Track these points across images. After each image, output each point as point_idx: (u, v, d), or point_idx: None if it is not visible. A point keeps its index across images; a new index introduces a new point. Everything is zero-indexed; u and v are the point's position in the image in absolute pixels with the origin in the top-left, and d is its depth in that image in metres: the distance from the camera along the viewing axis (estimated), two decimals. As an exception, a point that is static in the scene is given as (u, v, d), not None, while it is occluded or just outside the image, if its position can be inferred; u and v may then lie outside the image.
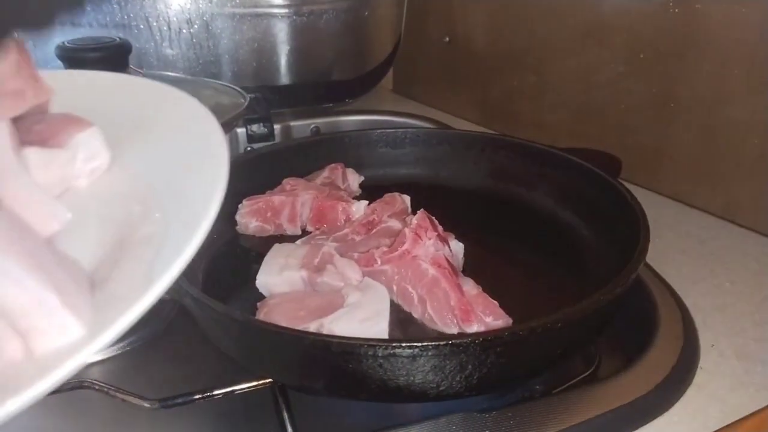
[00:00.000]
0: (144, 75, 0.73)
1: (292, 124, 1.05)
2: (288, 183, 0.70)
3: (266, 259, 0.58)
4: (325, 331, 0.47)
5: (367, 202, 0.68)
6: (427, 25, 1.15)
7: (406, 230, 0.56)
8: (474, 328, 0.50)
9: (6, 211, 0.26)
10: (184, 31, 0.95)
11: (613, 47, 0.83)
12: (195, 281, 0.57)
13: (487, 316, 0.50)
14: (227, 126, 0.69)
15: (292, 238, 0.64)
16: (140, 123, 0.37)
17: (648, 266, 0.62)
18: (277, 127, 0.98)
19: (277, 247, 0.59)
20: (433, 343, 0.40)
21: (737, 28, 0.69)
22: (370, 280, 0.54)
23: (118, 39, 0.70)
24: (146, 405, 0.47)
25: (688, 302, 0.58)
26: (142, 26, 0.93)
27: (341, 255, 0.58)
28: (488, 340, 0.41)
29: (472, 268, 0.60)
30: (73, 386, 0.49)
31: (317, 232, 0.66)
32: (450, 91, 1.14)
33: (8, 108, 0.30)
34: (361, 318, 0.48)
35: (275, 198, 0.67)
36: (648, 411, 0.47)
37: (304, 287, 0.55)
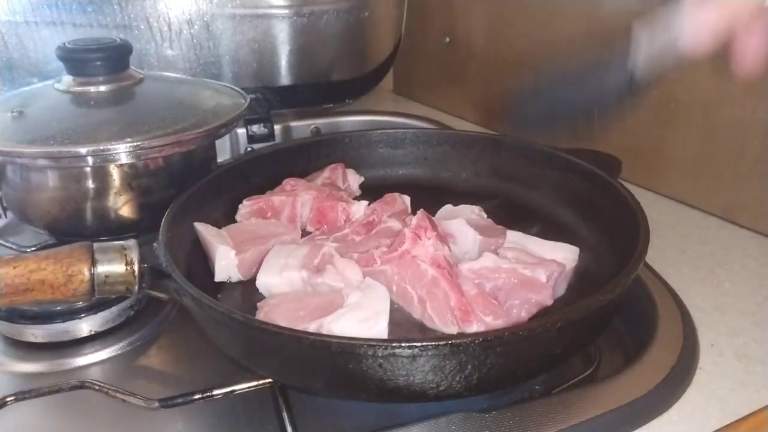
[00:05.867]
0: (145, 76, 0.73)
1: (292, 124, 1.05)
2: (288, 183, 0.70)
3: (266, 259, 0.58)
4: (324, 331, 0.47)
5: (367, 202, 0.68)
6: (427, 26, 1.15)
7: (406, 230, 0.56)
8: (474, 328, 0.50)
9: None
10: (185, 31, 0.95)
11: (613, 48, 0.83)
12: (195, 281, 0.57)
13: (487, 316, 0.51)
14: (228, 126, 0.69)
15: (292, 239, 0.64)
16: None
17: (648, 266, 0.62)
18: (277, 127, 0.98)
19: (277, 248, 0.59)
20: (433, 343, 0.40)
21: (737, 28, 0.69)
22: (370, 280, 0.54)
23: (118, 40, 0.70)
24: (146, 405, 0.47)
25: (687, 302, 0.58)
26: (142, 27, 0.93)
27: (341, 255, 0.58)
28: (488, 340, 0.41)
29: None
30: (74, 386, 0.49)
31: (317, 232, 0.66)
32: (450, 91, 1.14)
33: None
34: (361, 318, 0.48)
35: (275, 198, 0.67)
36: (647, 411, 0.47)
37: (304, 287, 0.55)
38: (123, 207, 0.65)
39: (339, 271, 0.55)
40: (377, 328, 0.48)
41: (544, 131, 0.69)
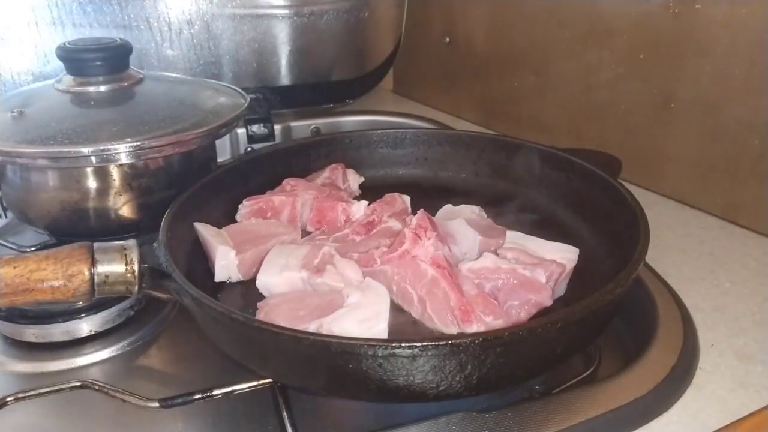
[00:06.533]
0: (145, 75, 0.73)
1: (292, 124, 1.05)
2: (288, 183, 0.70)
3: (267, 259, 0.58)
4: (324, 331, 0.47)
5: (367, 202, 0.68)
6: (427, 26, 1.15)
7: (406, 230, 0.56)
8: (474, 328, 0.50)
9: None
10: (185, 31, 0.95)
11: (614, 48, 0.83)
12: (195, 281, 0.57)
13: (487, 316, 0.50)
14: (228, 126, 0.69)
15: (292, 239, 0.64)
16: None
17: (648, 266, 0.62)
18: (277, 127, 0.98)
19: (277, 248, 0.59)
20: (433, 343, 0.40)
21: (737, 28, 0.69)
22: (371, 280, 0.54)
23: (118, 40, 0.70)
24: (146, 405, 0.47)
25: (687, 302, 0.58)
26: (142, 27, 0.93)
27: (341, 255, 0.58)
28: (488, 340, 0.41)
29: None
30: (74, 386, 0.49)
31: (317, 232, 0.66)
32: (450, 91, 1.14)
33: None
34: (361, 318, 0.48)
35: (275, 198, 0.67)
36: (647, 411, 0.47)
37: (304, 287, 0.55)
38: (123, 207, 0.65)
39: (339, 271, 0.55)
40: (377, 328, 0.48)
41: None
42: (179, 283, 0.48)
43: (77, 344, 0.59)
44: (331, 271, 0.55)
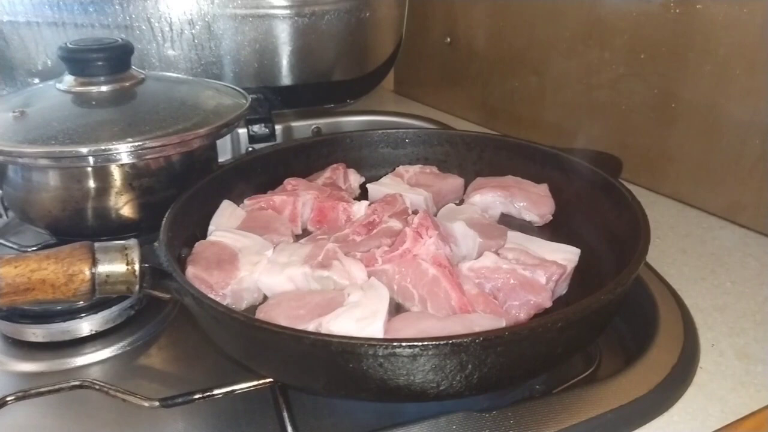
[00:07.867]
0: (146, 76, 0.73)
1: (293, 124, 1.05)
2: (289, 183, 0.70)
3: (269, 258, 0.58)
4: (323, 330, 0.47)
5: (368, 202, 0.68)
6: (428, 26, 1.15)
7: (407, 229, 0.56)
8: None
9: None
10: (186, 32, 0.95)
11: (614, 48, 0.83)
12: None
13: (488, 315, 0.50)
14: (229, 126, 0.69)
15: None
16: None
17: (648, 266, 0.62)
18: (278, 127, 0.99)
19: (280, 247, 0.59)
20: (434, 343, 0.40)
21: (738, 28, 0.69)
22: (375, 280, 0.53)
23: (120, 40, 0.70)
24: (147, 404, 0.47)
25: (688, 302, 0.58)
26: (144, 27, 0.93)
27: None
28: (489, 339, 0.41)
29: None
30: (74, 386, 0.49)
31: (318, 232, 0.66)
32: (451, 91, 1.14)
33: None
34: (358, 317, 0.48)
35: (276, 198, 0.67)
36: (648, 411, 0.47)
37: (307, 284, 0.55)
38: (124, 207, 0.65)
39: (345, 269, 0.55)
40: (373, 327, 0.47)
41: None
42: (180, 283, 0.48)
43: (78, 344, 0.59)
44: (337, 266, 0.55)
